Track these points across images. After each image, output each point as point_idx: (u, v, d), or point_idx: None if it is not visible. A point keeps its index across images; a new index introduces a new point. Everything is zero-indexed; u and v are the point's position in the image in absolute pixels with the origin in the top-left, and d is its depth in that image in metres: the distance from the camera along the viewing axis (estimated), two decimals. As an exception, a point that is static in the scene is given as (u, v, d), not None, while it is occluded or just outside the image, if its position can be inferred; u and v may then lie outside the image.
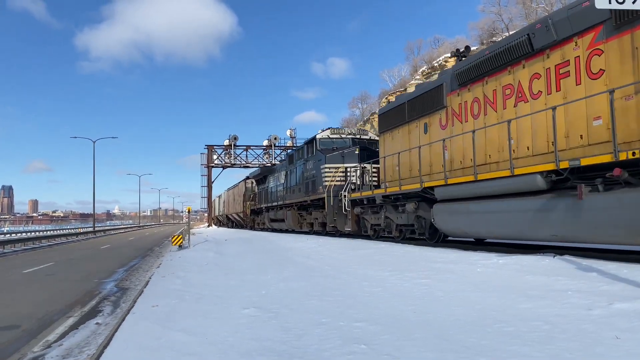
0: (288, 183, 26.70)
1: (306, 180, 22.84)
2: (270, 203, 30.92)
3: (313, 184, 21.75)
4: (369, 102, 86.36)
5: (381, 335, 4.96)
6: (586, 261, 8.05)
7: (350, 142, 21.12)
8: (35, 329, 7.22)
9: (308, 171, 22.67)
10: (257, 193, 37.24)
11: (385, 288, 7.68)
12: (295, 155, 26.35)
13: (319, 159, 21.15)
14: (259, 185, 37.15)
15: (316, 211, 22.33)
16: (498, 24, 54.50)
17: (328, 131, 21.84)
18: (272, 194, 30.91)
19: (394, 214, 15.55)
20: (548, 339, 4.39)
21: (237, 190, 48.27)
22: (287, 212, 26.54)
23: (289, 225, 26.74)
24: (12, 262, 18.70)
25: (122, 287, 11.29)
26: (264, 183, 34.38)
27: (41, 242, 32.83)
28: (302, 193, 23.40)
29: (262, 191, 34.66)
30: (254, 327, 5.67)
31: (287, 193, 26.64)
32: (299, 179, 24.20)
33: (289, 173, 26.55)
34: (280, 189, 28.63)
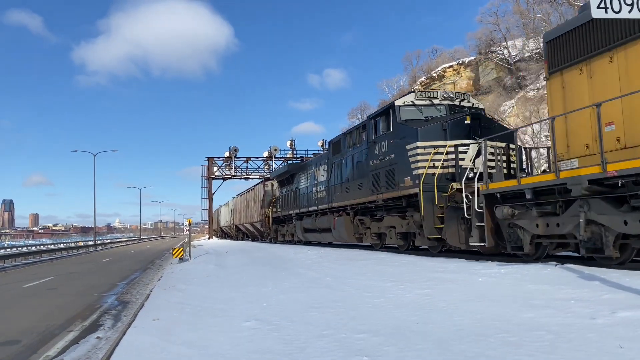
0: (334, 180, 19.58)
1: (373, 171, 15.56)
2: (305, 208, 23.90)
3: (389, 175, 14.62)
4: (368, 113, 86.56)
5: (384, 346, 4.92)
6: (588, 270, 8.02)
7: (446, 111, 14.12)
8: (36, 343, 7.18)
9: (377, 158, 15.29)
10: (281, 197, 29.56)
11: (387, 299, 7.64)
12: (344, 140, 18.66)
13: (402, 136, 13.85)
14: (282, 187, 29.39)
15: (392, 216, 15.22)
16: (496, 34, 54.81)
17: (412, 95, 14.65)
18: (305, 196, 24.14)
19: (613, 216, 7.99)
20: (552, 349, 4.36)
21: (251, 195, 40.62)
22: (335, 218, 19.28)
23: (338, 236, 19.54)
24: (12, 277, 18.64)
25: (123, 301, 11.24)
26: (291, 184, 27.03)
27: (42, 256, 32.73)
28: (366, 190, 16.19)
29: (289, 194, 27.30)
30: (255, 340, 5.64)
31: (334, 193, 19.55)
32: (356, 173, 17.32)
33: (335, 166, 19.57)
34: (319, 189, 21.70)
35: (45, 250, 37.44)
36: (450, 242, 12.04)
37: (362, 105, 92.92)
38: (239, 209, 47.93)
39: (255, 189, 39.25)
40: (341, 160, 18.75)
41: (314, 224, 22.52)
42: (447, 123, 13.03)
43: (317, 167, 22.27)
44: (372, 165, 15.74)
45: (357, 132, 17.60)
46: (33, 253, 32.88)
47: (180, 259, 21.31)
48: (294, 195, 26.12)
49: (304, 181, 24.52)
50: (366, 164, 16.25)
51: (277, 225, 31.36)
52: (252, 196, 40.70)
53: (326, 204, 20.51)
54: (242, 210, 45.57)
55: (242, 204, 46.14)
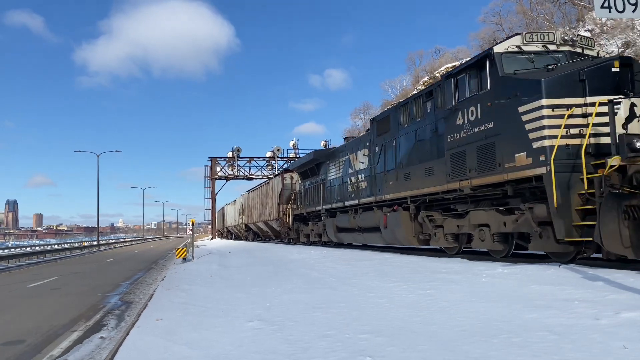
0: (382, 165, 15.50)
1: (454, 149, 11.45)
2: (338, 203, 19.69)
3: (485, 152, 10.58)
4: (371, 113, 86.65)
5: (387, 347, 4.92)
6: (592, 270, 8.00)
7: (567, 60, 10.22)
8: (40, 343, 7.21)
9: (461, 130, 11.20)
10: (304, 191, 25.35)
11: (391, 299, 7.64)
12: (396, 115, 14.74)
13: (509, 95, 9.91)
14: (305, 179, 25.35)
15: (483, 210, 11.14)
16: (499, 34, 54.64)
17: (516, 39, 10.60)
18: (336, 189, 20.13)
19: None
20: (556, 350, 4.35)
21: (266, 191, 35.95)
22: (387, 215, 15.06)
23: (391, 237, 15.11)
24: (16, 277, 18.71)
25: (126, 301, 11.27)
26: (316, 175, 23.23)
27: (45, 256, 32.84)
28: (438, 176, 12.17)
29: (315, 187, 23.36)
30: (259, 340, 5.64)
31: (383, 182, 15.44)
32: (420, 154, 13.24)
33: (384, 149, 15.45)
34: (358, 178, 17.54)
35: (49, 250, 37.58)
36: (609, 246, 7.80)
37: (365, 105, 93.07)
38: (249, 207, 43.21)
39: (271, 183, 34.64)
40: (393, 140, 14.80)
41: (352, 222, 18.20)
42: (584, 72, 9.06)
43: (354, 152, 18.22)
44: (450, 142, 11.51)
45: (417, 102, 13.68)
46: (37, 253, 32.99)
47: (183, 259, 21.34)
48: (321, 188, 22.18)
49: (335, 171, 20.60)
50: (437, 141, 12.26)
51: (298, 224, 27.08)
52: (266, 191, 35.97)
53: (369, 196, 16.44)
54: (254, 208, 40.73)
55: (253, 200, 41.33)
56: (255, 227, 41.33)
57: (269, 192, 34.68)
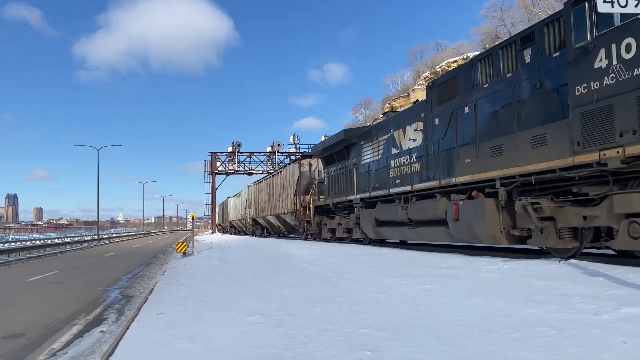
0: (453, 139, 11.99)
1: (588, 105, 8.17)
2: (380, 190, 16.15)
3: None
4: (372, 108, 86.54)
5: (387, 341, 4.93)
6: (592, 265, 8.00)
7: None
8: (40, 337, 7.22)
9: (599, 78, 7.96)
10: (329, 178, 21.69)
11: (390, 294, 7.65)
12: (471, 73, 11.52)
13: None
14: (329, 165, 21.87)
15: (636, 193, 7.73)
16: (500, 29, 54.57)
17: None
18: (375, 174, 16.69)
19: None
20: (556, 345, 4.35)
21: (278, 180, 31.99)
22: (459, 203, 11.63)
23: (464, 233, 11.63)
24: (17, 270, 18.74)
25: (126, 295, 11.29)
26: (345, 159, 19.77)
27: (46, 250, 32.90)
28: (555, 146, 8.95)
29: (343, 174, 19.82)
30: (259, 335, 5.65)
31: (451, 162, 12.06)
32: (518, 118, 9.94)
33: (453, 118, 12.02)
34: (411, 159, 14.19)
35: (49, 244, 37.64)
36: None
37: (366, 100, 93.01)
38: (257, 199, 38.97)
39: (286, 171, 30.44)
40: (464, 106, 11.60)
41: (400, 213, 14.48)
42: None
43: (400, 128, 15.03)
44: (581, 96, 8.28)
45: (506, 52, 10.41)
46: (37, 247, 33.04)
47: (183, 254, 21.38)
48: (353, 174, 18.61)
49: (372, 153, 17.12)
50: (546, 100, 9.31)
51: (321, 217, 23.24)
52: (279, 181, 31.68)
53: (428, 180, 13.16)
54: (264, 200, 36.49)
55: (263, 192, 37.14)
56: (264, 221, 37.34)
57: (283, 181, 30.51)
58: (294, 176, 28.07)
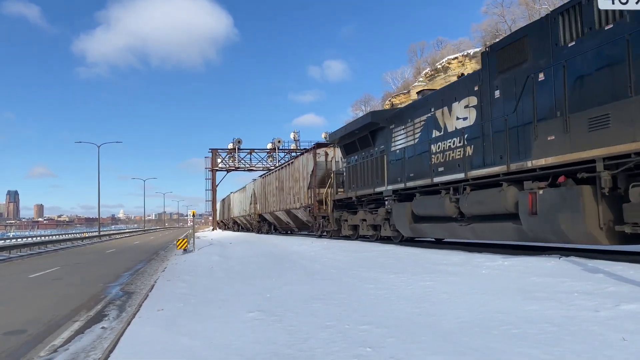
0: (530, 112, 9.76)
1: None
2: (417, 180, 14.01)
3: None
4: (372, 105, 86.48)
5: (387, 338, 4.94)
6: (592, 262, 8.01)
7: None
8: (41, 333, 7.24)
9: None
10: (351, 168, 19.30)
11: (391, 291, 7.66)
12: (558, 26, 9.23)
13: None
14: (351, 153, 19.51)
15: None
16: (501, 26, 54.45)
17: None
18: (410, 161, 14.52)
19: None
20: (555, 341, 4.37)
21: (289, 172, 29.18)
22: (541, 194, 9.29)
23: (546, 229, 9.23)
24: (18, 267, 18.77)
25: (127, 291, 11.31)
26: (370, 146, 17.54)
27: (47, 246, 32.95)
28: None
29: (368, 163, 17.54)
30: (259, 331, 5.67)
31: (529, 141, 9.77)
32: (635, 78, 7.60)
33: (525, 86, 9.91)
34: (455, 142, 12.34)
35: (50, 241, 37.69)
36: None
37: (366, 97, 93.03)
38: (264, 193, 36.50)
39: (298, 162, 27.53)
40: (540, 72, 9.51)
41: (448, 207, 12.14)
42: None
43: (443, 107, 12.91)
44: None
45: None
46: (38, 244, 33.08)
47: (184, 251, 21.41)
48: (382, 162, 16.35)
49: (405, 137, 14.98)
50: None
51: (340, 212, 20.94)
52: (290, 173, 29.05)
53: (488, 165, 10.96)
54: (271, 194, 33.98)
55: (270, 185, 34.65)
56: (272, 217, 34.65)
57: (294, 173, 27.86)
58: (307, 167, 25.42)
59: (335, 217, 21.32)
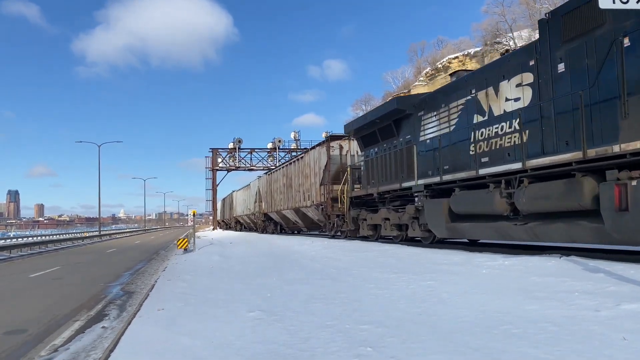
0: (632, 80, 7.66)
1: None
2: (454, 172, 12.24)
3: None
4: (372, 104, 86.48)
5: (387, 337, 4.94)
6: (593, 262, 8.01)
7: None
8: (42, 332, 7.24)
9: None
10: (369, 163, 17.58)
11: (391, 290, 7.66)
12: None
13: None
14: (370, 145, 17.70)
15: None
16: (501, 25, 54.39)
17: None
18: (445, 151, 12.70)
19: None
20: (556, 341, 4.36)
21: (298, 168, 27.24)
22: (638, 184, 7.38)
23: (636, 231, 7.45)
24: (18, 267, 18.78)
25: (128, 291, 11.31)
26: (393, 136, 15.81)
27: (47, 246, 32.96)
28: None
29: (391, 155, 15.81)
30: (260, 331, 5.67)
31: (617, 119, 7.93)
32: None
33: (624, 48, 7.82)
34: (504, 128, 10.78)
35: (51, 240, 37.71)
36: None
37: (366, 96, 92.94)
38: (270, 191, 34.25)
39: (309, 157, 25.42)
40: (626, 37, 7.94)
41: (498, 203, 10.33)
42: None
43: (488, 87, 11.18)
44: None
45: None
46: (39, 243, 33.10)
47: (184, 250, 21.41)
48: (410, 154, 14.53)
49: (438, 125, 13.17)
50: None
51: (358, 210, 18.82)
52: (299, 169, 26.93)
53: (549, 154, 9.40)
54: (278, 192, 31.89)
55: (277, 183, 32.35)
56: (278, 216, 32.48)
57: (304, 169, 25.73)
58: (320, 162, 23.17)
59: (352, 215, 19.29)
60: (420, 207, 13.82)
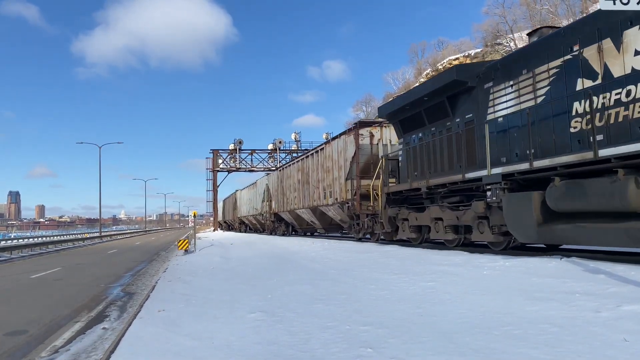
0: None
1: None
2: (561, 156, 8.71)
3: None
4: (373, 105, 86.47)
5: (388, 338, 4.94)
6: (593, 263, 8.00)
7: None
8: (42, 333, 7.25)
9: None
10: (410, 152, 14.78)
11: (392, 291, 7.65)
12: None
13: None
14: (410, 131, 14.87)
15: None
16: (502, 26, 54.43)
17: None
18: (538, 128, 9.76)
19: None
20: (556, 342, 4.36)
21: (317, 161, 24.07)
22: None
23: None
24: (19, 267, 18.79)
25: (128, 292, 11.32)
26: (447, 116, 12.91)
27: (48, 247, 32.97)
28: None
29: (443, 140, 13.09)
30: (260, 332, 5.67)
31: None
32: None
33: None
34: None
35: (52, 241, 37.72)
36: None
37: (367, 97, 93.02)
38: (282, 189, 30.88)
39: (330, 148, 22.06)
40: None
41: (634, 196, 7.35)
42: None
43: (598, 41, 8.49)
44: None
45: None
46: (39, 244, 33.11)
47: (185, 251, 21.42)
48: (471, 137, 11.91)
49: (514, 98, 10.48)
50: None
51: (397, 208, 15.52)
52: (319, 162, 23.78)
53: None
54: (291, 189, 28.38)
55: (290, 179, 28.87)
56: (291, 217, 29.34)
57: (325, 162, 22.66)
58: (346, 152, 19.92)
59: (389, 215, 15.93)
60: (496, 204, 10.60)
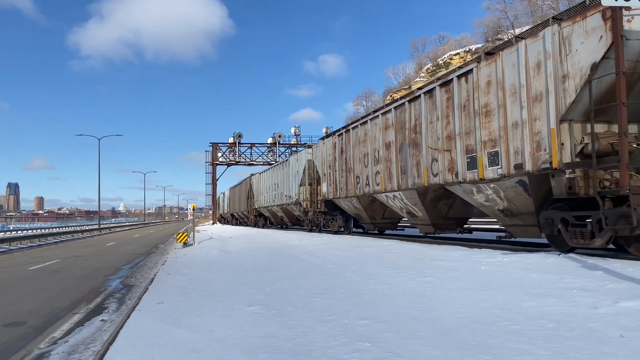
0: None
1: None
2: None
3: None
4: (373, 100, 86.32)
5: (386, 332, 4.95)
6: (592, 259, 8.02)
7: None
8: (41, 325, 7.26)
9: None
10: None
11: (390, 286, 7.67)
12: None
13: None
14: None
15: None
16: (503, 21, 54.27)
17: None
18: None
19: None
20: (554, 338, 4.38)
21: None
22: None
23: None
24: (18, 259, 18.80)
25: (127, 284, 11.33)
26: None
27: (47, 239, 32.98)
28: None
29: None
30: (259, 325, 5.68)
31: None
32: None
33: None
34: None
35: (51, 233, 37.71)
36: None
37: (367, 92, 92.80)
38: (345, 161, 18.32)
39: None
40: None
41: None
42: None
43: None
44: None
45: None
46: (38, 236, 33.10)
47: (184, 244, 21.43)
48: None
49: None
50: None
51: None
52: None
53: None
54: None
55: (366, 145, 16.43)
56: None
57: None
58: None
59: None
60: None
